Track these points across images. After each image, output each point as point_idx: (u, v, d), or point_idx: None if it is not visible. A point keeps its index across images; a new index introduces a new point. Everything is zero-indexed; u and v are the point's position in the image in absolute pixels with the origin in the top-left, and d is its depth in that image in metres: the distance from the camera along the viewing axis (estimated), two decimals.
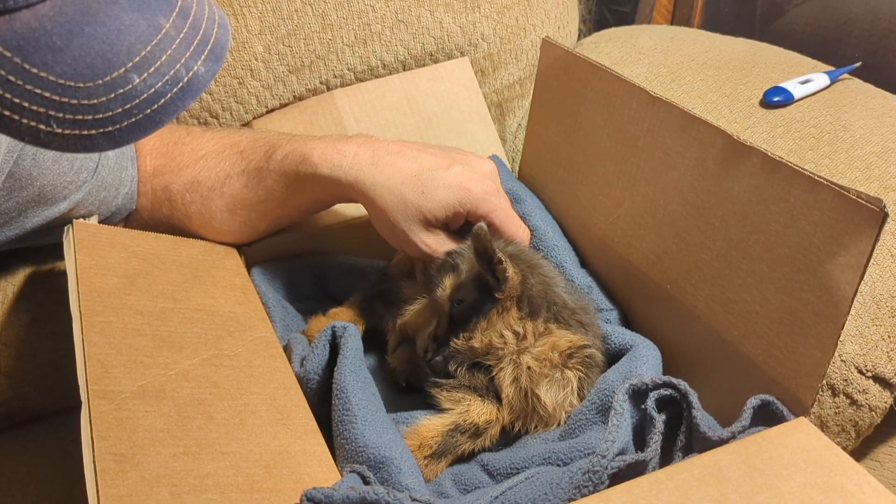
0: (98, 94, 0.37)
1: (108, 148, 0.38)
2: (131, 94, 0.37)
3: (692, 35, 1.12)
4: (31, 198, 0.69)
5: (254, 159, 0.76)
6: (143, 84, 0.38)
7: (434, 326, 0.67)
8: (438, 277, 0.67)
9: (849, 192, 0.53)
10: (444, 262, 0.68)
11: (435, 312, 0.68)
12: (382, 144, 0.72)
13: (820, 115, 0.89)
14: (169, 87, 0.38)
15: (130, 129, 0.38)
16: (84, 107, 0.37)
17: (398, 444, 0.61)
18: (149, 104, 0.38)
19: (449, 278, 0.66)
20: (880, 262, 0.74)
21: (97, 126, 0.37)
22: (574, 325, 0.66)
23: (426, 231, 0.70)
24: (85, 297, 0.61)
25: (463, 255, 0.67)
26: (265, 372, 0.65)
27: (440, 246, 0.71)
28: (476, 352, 0.65)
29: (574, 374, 0.65)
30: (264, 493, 0.53)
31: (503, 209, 0.71)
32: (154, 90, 0.38)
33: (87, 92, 0.36)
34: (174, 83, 0.38)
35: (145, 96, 0.38)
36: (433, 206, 0.69)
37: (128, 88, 0.37)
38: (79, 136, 0.37)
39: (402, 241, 0.71)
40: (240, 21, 0.94)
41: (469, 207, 0.70)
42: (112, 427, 0.51)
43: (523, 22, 1.08)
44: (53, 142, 0.37)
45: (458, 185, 0.69)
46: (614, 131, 0.75)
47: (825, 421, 0.73)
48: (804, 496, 0.48)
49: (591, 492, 0.52)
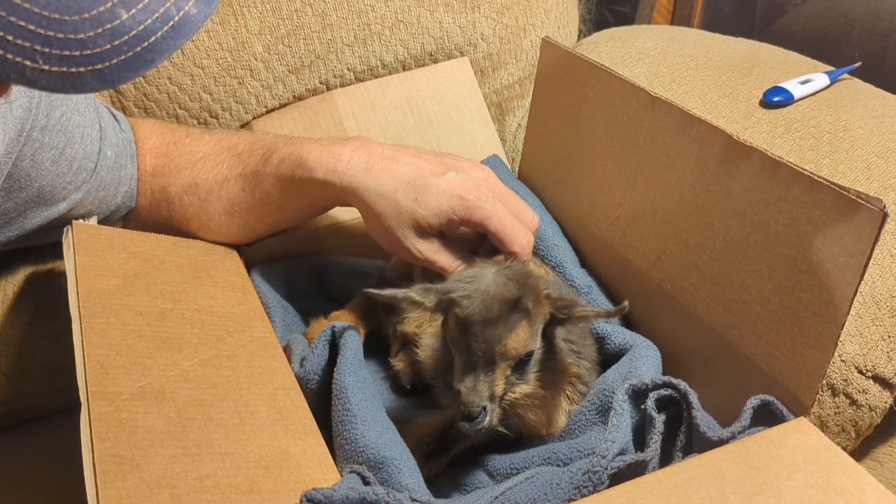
0: (85, 29, 0.35)
1: (98, 87, 0.37)
2: (120, 30, 0.36)
3: (692, 35, 1.12)
4: (30, 198, 0.69)
5: (251, 163, 0.76)
6: (131, 20, 0.36)
7: (479, 383, 0.56)
8: (504, 326, 0.56)
9: (849, 192, 0.52)
10: (508, 307, 0.56)
11: (468, 362, 0.57)
12: (378, 149, 0.71)
13: (820, 115, 0.89)
14: (159, 24, 0.37)
15: (121, 67, 0.37)
16: (71, 41, 0.35)
17: (398, 445, 0.61)
18: (139, 41, 0.37)
19: (523, 327, 0.56)
20: (880, 262, 0.74)
21: (86, 63, 0.36)
22: (565, 351, 0.64)
23: (420, 238, 0.69)
24: (84, 298, 0.61)
25: (527, 295, 0.57)
26: (265, 372, 0.65)
27: (433, 254, 0.70)
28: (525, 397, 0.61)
29: (564, 397, 0.65)
30: (264, 494, 0.53)
31: (498, 216, 0.69)
32: (144, 27, 0.36)
33: (74, 26, 0.35)
34: (164, 21, 0.37)
35: (135, 32, 0.36)
36: (427, 213, 0.68)
37: (116, 23, 0.36)
38: (66, 74, 0.36)
39: (396, 246, 0.70)
40: (240, 21, 0.94)
41: (462, 215, 0.68)
42: (112, 428, 0.51)
43: (523, 22, 1.08)
44: (40, 79, 0.36)
45: (452, 192, 0.68)
46: (614, 131, 0.74)
47: (825, 421, 0.73)
48: (804, 496, 0.48)
49: (590, 492, 0.52)
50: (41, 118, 0.66)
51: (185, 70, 0.93)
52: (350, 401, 0.62)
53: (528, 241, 0.70)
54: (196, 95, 0.95)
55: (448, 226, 0.69)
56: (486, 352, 0.56)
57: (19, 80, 0.36)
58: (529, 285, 0.58)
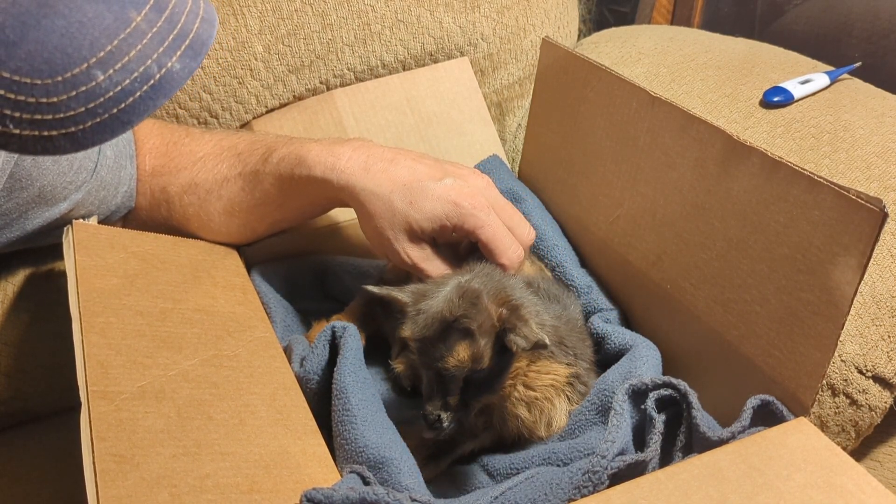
0: (58, 92, 0.34)
1: (70, 150, 0.36)
2: (95, 92, 0.35)
3: (692, 35, 1.12)
4: (31, 198, 0.69)
5: (251, 162, 0.76)
6: (108, 81, 0.35)
7: (434, 394, 0.60)
8: (444, 346, 0.58)
9: (849, 192, 0.53)
10: (448, 328, 0.58)
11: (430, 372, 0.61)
12: (378, 151, 0.71)
13: (820, 115, 0.89)
14: (138, 84, 0.36)
15: (95, 130, 0.35)
16: (42, 105, 0.34)
17: (398, 445, 0.61)
18: (115, 103, 0.35)
19: (463, 348, 0.58)
20: (880, 262, 0.74)
21: (58, 126, 0.35)
22: (559, 352, 0.65)
23: (411, 242, 0.69)
24: (84, 297, 0.61)
25: (470, 316, 0.58)
26: (265, 372, 0.65)
27: (422, 260, 0.69)
28: (489, 405, 0.64)
29: (563, 397, 0.65)
30: (264, 494, 0.53)
31: (491, 226, 0.68)
32: (121, 88, 0.35)
33: (46, 90, 0.34)
34: (144, 80, 0.36)
35: (111, 94, 0.35)
36: (420, 217, 0.67)
37: (91, 86, 0.35)
38: (38, 138, 0.35)
39: (387, 248, 0.70)
40: (240, 21, 0.94)
41: (456, 222, 0.68)
42: (112, 428, 0.51)
43: (523, 22, 1.08)
44: (10, 143, 0.35)
45: (447, 198, 0.68)
46: (614, 131, 0.75)
47: (825, 421, 0.73)
48: (804, 496, 0.48)
49: (590, 492, 0.52)
50: None
51: None
52: (350, 401, 0.62)
53: (517, 255, 0.70)
54: (196, 95, 0.95)
55: (440, 232, 0.69)
56: (435, 367, 0.59)
57: None
58: (478, 305, 0.58)
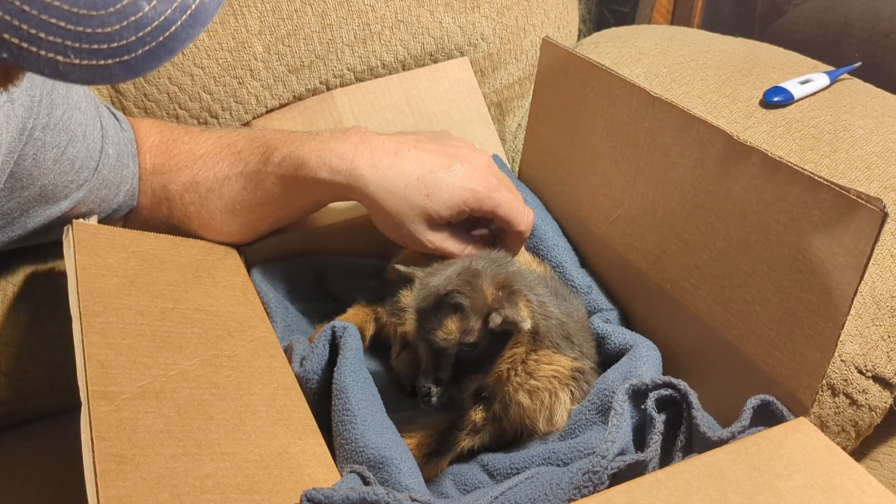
0: (111, 22, 0.37)
1: (125, 78, 0.39)
2: (143, 22, 0.38)
3: (692, 35, 1.12)
4: (32, 197, 0.69)
5: (251, 161, 0.76)
6: (153, 11, 0.38)
7: (428, 367, 0.63)
8: (435, 319, 0.61)
9: (849, 192, 0.53)
10: (440, 301, 0.61)
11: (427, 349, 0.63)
12: (379, 143, 0.72)
13: (820, 115, 0.89)
14: (178, 13, 0.38)
15: (146, 58, 0.38)
16: (99, 35, 0.37)
17: (398, 445, 0.61)
18: (161, 31, 0.38)
19: (453, 321, 0.60)
20: (880, 262, 0.74)
21: (113, 55, 0.37)
22: (565, 346, 0.65)
23: (430, 230, 0.72)
24: (85, 297, 0.61)
25: (463, 292, 0.60)
26: (265, 372, 0.65)
27: (443, 242, 0.72)
28: (483, 387, 0.65)
29: (567, 392, 0.65)
30: (264, 494, 0.53)
31: (507, 201, 0.72)
32: (164, 17, 0.38)
33: (101, 20, 0.37)
34: (182, 10, 0.39)
35: (156, 23, 0.38)
36: (439, 207, 0.70)
37: (139, 16, 0.37)
38: (96, 67, 0.37)
39: (408, 239, 0.72)
40: (240, 21, 0.94)
41: (474, 205, 0.71)
42: (112, 428, 0.51)
43: (523, 22, 1.08)
44: (72, 73, 0.37)
45: (462, 185, 0.71)
46: (614, 131, 0.75)
47: (825, 421, 0.73)
48: (804, 496, 0.48)
49: (591, 492, 0.52)
50: (43, 117, 0.66)
51: (185, 70, 0.93)
52: (350, 401, 0.62)
53: (530, 218, 0.75)
54: (196, 95, 0.95)
55: (458, 216, 0.72)
56: (429, 340, 0.62)
57: (52, 75, 0.37)
58: (473, 284, 0.61)
